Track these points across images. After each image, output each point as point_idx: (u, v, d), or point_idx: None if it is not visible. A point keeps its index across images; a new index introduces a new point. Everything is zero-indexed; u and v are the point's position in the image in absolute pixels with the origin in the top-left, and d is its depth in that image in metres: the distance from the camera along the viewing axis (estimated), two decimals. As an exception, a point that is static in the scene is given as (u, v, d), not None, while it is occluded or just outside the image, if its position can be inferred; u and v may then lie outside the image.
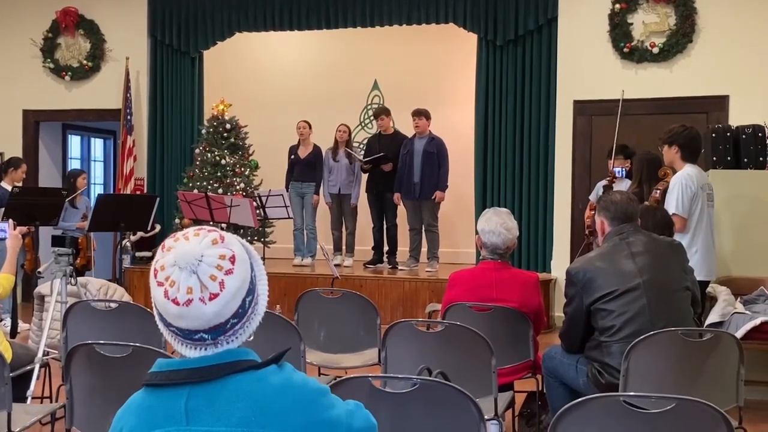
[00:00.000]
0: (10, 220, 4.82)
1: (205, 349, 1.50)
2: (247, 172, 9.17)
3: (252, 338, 1.55)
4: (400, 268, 8.83)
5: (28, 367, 4.35)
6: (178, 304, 1.45)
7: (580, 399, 2.52)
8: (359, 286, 7.98)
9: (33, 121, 10.22)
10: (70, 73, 9.97)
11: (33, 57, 10.04)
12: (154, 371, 1.52)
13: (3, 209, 7.06)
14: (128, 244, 8.81)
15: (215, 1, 9.60)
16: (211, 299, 1.45)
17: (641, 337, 3.34)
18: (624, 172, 6.87)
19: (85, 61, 9.94)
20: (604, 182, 6.57)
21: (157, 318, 1.53)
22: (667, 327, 3.42)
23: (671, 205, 4.88)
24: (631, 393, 2.98)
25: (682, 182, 4.91)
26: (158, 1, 9.71)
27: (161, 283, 1.47)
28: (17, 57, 10.06)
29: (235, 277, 1.47)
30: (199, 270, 1.45)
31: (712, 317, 5.04)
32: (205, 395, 1.47)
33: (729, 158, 6.11)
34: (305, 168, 9.06)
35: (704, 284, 4.95)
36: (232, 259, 1.48)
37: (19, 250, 4.73)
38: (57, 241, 4.79)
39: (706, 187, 5.09)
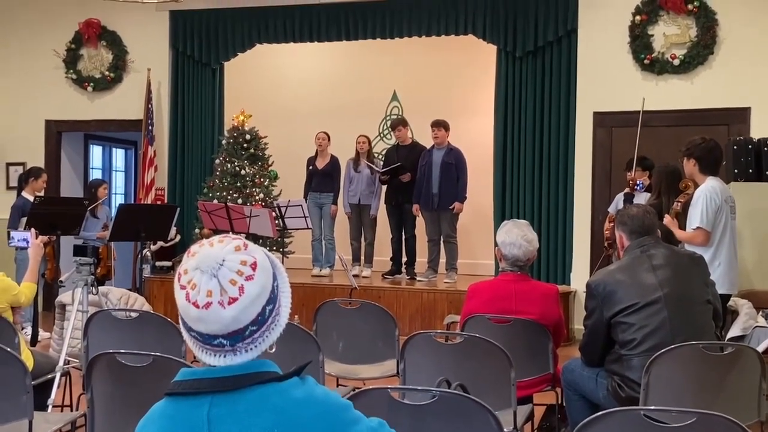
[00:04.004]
0: (33, 230, 4.87)
1: (224, 356, 1.50)
2: (266, 183, 9.21)
3: (274, 350, 1.56)
4: (418, 279, 8.82)
5: (49, 376, 4.39)
6: (198, 306, 1.47)
7: (600, 413, 2.51)
8: (377, 296, 7.97)
9: (55, 132, 10.32)
10: (92, 84, 10.07)
11: (56, 68, 10.15)
12: (177, 380, 1.53)
13: (24, 218, 7.12)
14: (148, 253, 8.85)
15: (236, 13, 9.67)
16: (230, 303, 1.46)
17: (662, 351, 3.32)
18: (642, 185, 6.82)
19: (107, 72, 10.04)
20: (623, 193, 6.54)
21: (180, 322, 1.55)
22: (688, 340, 3.39)
23: (695, 219, 4.84)
24: (652, 407, 2.95)
25: (707, 195, 4.86)
26: (180, 13, 9.79)
27: (183, 287, 1.49)
28: (40, 68, 10.17)
29: (255, 284, 1.49)
30: (219, 274, 1.47)
31: (734, 331, 4.99)
32: (227, 405, 1.48)
33: (750, 170, 6.07)
34: (323, 178, 9.10)
35: (726, 298, 4.91)
36: (254, 266, 1.50)
37: (40, 259, 4.78)
38: (79, 250, 4.83)
39: (729, 199, 5.04)
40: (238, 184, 9.01)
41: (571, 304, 8.11)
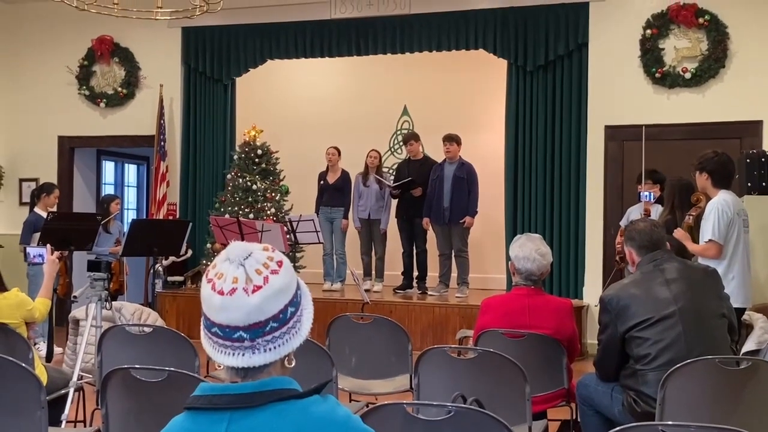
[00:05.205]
0: (48, 245, 4.89)
1: (243, 353, 1.50)
2: (277, 197, 9.23)
3: (294, 364, 1.56)
4: (429, 293, 8.80)
5: (63, 391, 4.40)
6: (222, 293, 1.50)
7: (617, 428, 2.49)
8: (389, 311, 7.96)
9: (68, 147, 10.38)
10: (105, 100, 10.13)
11: (69, 84, 10.22)
12: (196, 395, 1.53)
13: (36, 234, 7.15)
14: (160, 268, 8.87)
15: (247, 29, 9.72)
16: (254, 291, 1.50)
17: (677, 366, 3.30)
18: (652, 196, 6.80)
19: (119, 89, 10.10)
20: (640, 213, 6.49)
21: (202, 328, 1.56)
22: (704, 355, 3.37)
23: (707, 232, 4.83)
24: (670, 422, 2.93)
25: (719, 208, 4.85)
26: (192, 29, 9.85)
27: (210, 280, 1.53)
28: (53, 84, 10.25)
29: (280, 278, 1.53)
30: (246, 263, 1.53)
31: (749, 345, 4.95)
32: (246, 421, 1.48)
33: (764, 184, 6.05)
34: (334, 193, 9.13)
35: (740, 311, 4.88)
36: (279, 263, 1.55)
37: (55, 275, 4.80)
38: (93, 266, 4.84)
39: (742, 212, 5.03)
40: (250, 199, 9.03)
41: (584, 319, 8.08)
